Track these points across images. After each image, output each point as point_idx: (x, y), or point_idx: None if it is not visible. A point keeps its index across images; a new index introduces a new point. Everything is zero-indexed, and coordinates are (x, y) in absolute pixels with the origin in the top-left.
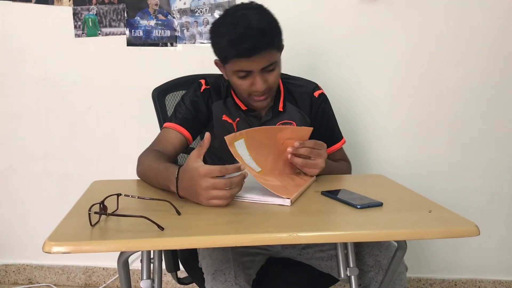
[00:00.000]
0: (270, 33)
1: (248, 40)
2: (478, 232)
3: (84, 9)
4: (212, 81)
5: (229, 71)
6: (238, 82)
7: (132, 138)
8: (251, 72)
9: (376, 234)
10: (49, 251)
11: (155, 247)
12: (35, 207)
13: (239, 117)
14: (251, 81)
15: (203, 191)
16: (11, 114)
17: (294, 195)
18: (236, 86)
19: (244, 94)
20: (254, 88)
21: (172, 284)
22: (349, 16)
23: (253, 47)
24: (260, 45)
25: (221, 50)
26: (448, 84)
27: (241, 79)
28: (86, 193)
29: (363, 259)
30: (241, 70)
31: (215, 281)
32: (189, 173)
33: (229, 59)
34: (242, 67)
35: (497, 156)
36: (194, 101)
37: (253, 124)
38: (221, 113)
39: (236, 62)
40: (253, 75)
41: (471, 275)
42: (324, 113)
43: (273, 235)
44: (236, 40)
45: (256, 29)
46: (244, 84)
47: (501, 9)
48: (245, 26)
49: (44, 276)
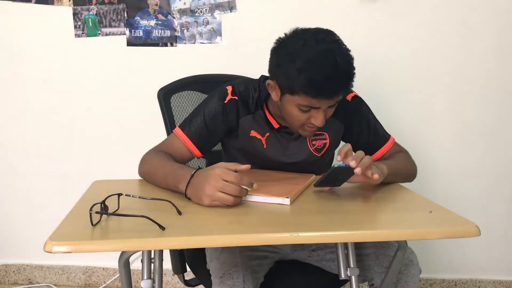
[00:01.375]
0: (354, 75)
1: (333, 84)
2: (478, 233)
3: (84, 9)
4: (241, 91)
5: (290, 102)
6: (296, 113)
7: (132, 138)
8: (315, 110)
9: (376, 234)
10: (50, 251)
11: (156, 247)
12: (35, 207)
13: (269, 133)
14: (311, 115)
15: (211, 189)
16: (11, 114)
17: (293, 194)
18: (292, 116)
19: (298, 124)
20: (313, 121)
21: (173, 284)
22: (349, 16)
23: (336, 90)
24: (344, 89)
25: (292, 82)
26: (448, 83)
27: (302, 112)
28: (87, 193)
29: (377, 260)
30: (308, 106)
31: (223, 285)
32: (205, 171)
33: (299, 93)
34: (312, 104)
35: (497, 156)
36: (214, 114)
37: (283, 140)
38: (249, 128)
39: (306, 98)
40: (316, 111)
41: (471, 275)
42: (362, 116)
43: (274, 235)
44: (320, 81)
45: (342, 72)
46: (302, 117)
47: (502, 7)
48: (332, 65)
49: (44, 276)
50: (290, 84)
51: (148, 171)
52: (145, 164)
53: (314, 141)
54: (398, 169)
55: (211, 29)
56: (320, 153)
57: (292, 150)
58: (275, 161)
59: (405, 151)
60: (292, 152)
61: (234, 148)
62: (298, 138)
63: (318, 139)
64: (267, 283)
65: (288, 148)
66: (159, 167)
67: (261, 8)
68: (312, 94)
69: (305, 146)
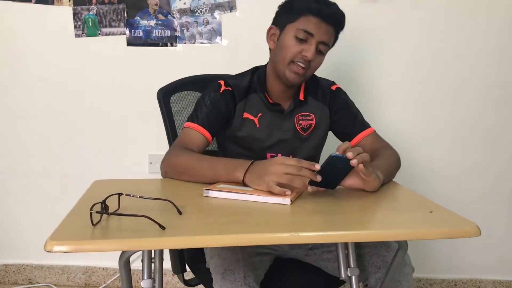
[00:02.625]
0: (343, 21)
1: (333, 8)
2: (479, 233)
3: (84, 9)
4: (232, 82)
5: (289, 32)
6: (291, 43)
7: (132, 138)
8: (310, 39)
9: (376, 234)
10: (50, 250)
11: (156, 247)
12: (35, 207)
13: (262, 113)
14: (304, 48)
15: (277, 169)
16: (11, 114)
17: (293, 194)
18: (287, 47)
19: (289, 58)
20: (304, 53)
21: (173, 284)
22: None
23: (333, 15)
24: (337, 19)
25: (299, 4)
26: (449, 84)
27: (298, 41)
28: (87, 193)
29: (370, 260)
30: (305, 31)
31: (224, 281)
32: (264, 162)
33: (302, 15)
34: (309, 28)
35: (497, 156)
36: (214, 101)
37: (276, 118)
38: (243, 111)
39: (308, 20)
40: (309, 43)
41: (471, 275)
42: (342, 102)
43: (275, 235)
44: (323, 3)
45: (339, 10)
46: (295, 47)
47: (503, 8)
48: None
49: (44, 276)
50: (298, 7)
51: (185, 166)
52: (174, 162)
53: (301, 120)
54: (390, 169)
55: (211, 29)
56: (306, 132)
57: (282, 128)
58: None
59: (387, 145)
60: (282, 130)
61: (224, 137)
62: (287, 116)
63: (304, 119)
64: (266, 281)
65: (278, 126)
66: (197, 160)
67: (261, 8)
68: (313, 10)
69: (292, 124)
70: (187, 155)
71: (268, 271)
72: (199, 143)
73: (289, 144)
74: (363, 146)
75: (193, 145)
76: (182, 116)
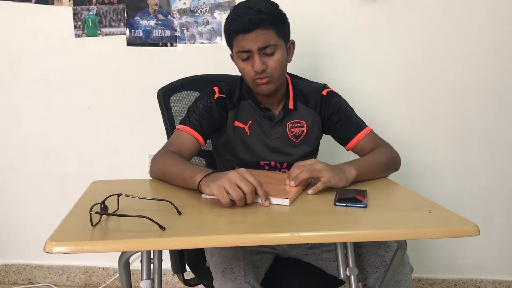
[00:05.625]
0: (266, 13)
1: (245, 17)
2: (478, 232)
3: (84, 9)
4: (226, 89)
5: (235, 58)
6: (241, 65)
7: (132, 138)
8: (251, 54)
9: (376, 234)
10: (50, 251)
11: (156, 247)
12: (35, 207)
13: (252, 120)
14: (251, 64)
15: (225, 179)
16: (11, 114)
17: (292, 195)
18: (242, 71)
19: (249, 79)
20: (255, 69)
21: (173, 284)
22: (349, 17)
23: (248, 22)
24: (255, 21)
25: (226, 33)
26: (448, 84)
27: (244, 62)
28: (86, 193)
29: (369, 260)
30: (241, 51)
31: (225, 279)
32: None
33: (233, 39)
34: (241, 46)
35: (497, 156)
36: (207, 106)
37: (266, 125)
38: (234, 119)
39: (237, 41)
40: (252, 58)
41: (471, 275)
42: (335, 106)
43: (275, 235)
44: (235, 17)
45: (254, 9)
46: (246, 68)
47: (502, 7)
48: (246, 6)
49: (44, 276)
50: (227, 37)
51: (163, 169)
52: (157, 164)
53: (293, 128)
54: (370, 165)
55: (211, 29)
56: (298, 139)
57: (273, 135)
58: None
59: (382, 144)
60: (273, 137)
61: (219, 144)
62: (278, 123)
63: (296, 126)
64: (267, 282)
65: (269, 133)
66: (174, 164)
67: None
68: (233, 30)
69: (284, 132)
70: (166, 159)
71: (268, 271)
72: (190, 145)
73: (281, 151)
74: (361, 148)
75: (183, 148)
76: (182, 116)
